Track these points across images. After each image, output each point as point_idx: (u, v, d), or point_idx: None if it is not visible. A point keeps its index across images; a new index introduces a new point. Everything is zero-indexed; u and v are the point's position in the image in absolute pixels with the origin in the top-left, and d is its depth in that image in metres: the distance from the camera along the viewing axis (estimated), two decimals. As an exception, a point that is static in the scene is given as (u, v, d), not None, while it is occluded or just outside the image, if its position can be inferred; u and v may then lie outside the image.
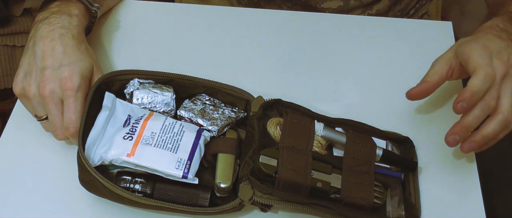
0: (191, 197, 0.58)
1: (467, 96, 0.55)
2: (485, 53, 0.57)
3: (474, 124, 0.56)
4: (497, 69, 0.56)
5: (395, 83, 0.73)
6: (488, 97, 0.56)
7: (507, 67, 0.57)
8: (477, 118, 0.56)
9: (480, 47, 0.57)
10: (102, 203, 0.60)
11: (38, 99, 0.61)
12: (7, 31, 1.14)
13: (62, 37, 0.63)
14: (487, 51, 0.57)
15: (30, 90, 0.61)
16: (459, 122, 0.57)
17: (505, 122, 0.57)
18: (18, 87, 0.62)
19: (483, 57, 0.57)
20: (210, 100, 0.66)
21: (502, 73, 0.56)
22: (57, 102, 0.61)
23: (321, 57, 0.76)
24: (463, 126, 0.56)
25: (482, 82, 0.55)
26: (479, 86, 0.55)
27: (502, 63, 0.57)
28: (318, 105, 0.67)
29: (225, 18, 0.80)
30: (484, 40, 0.59)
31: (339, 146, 0.62)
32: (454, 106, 0.55)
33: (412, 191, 0.61)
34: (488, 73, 0.55)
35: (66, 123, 0.60)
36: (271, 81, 0.72)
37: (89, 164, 0.56)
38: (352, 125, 0.64)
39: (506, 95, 0.57)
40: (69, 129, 0.60)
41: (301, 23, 0.80)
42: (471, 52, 0.57)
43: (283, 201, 0.56)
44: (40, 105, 0.62)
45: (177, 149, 0.59)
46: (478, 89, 0.55)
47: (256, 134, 0.60)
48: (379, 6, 0.87)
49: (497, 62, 0.57)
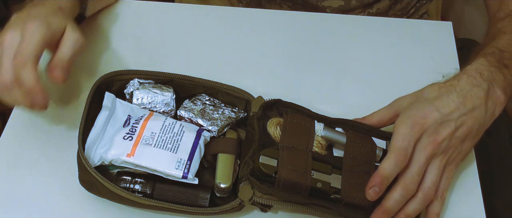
0: (191, 197, 0.58)
1: (378, 181, 0.55)
2: (410, 133, 0.55)
3: (395, 208, 0.56)
4: (423, 149, 0.55)
5: (395, 83, 0.73)
6: (407, 182, 0.55)
7: (437, 148, 0.56)
8: (398, 202, 0.56)
9: (409, 126, 0.56)
10: (102, 203, 0.61)
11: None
12: (7, 31, 1.14)
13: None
14: (416, 128, 0.56)
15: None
16: (380, 206, 0.56)
17: (427, 199, 0.57)
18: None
19: (402, 140, 0.55)
20: (210, 101, 0.66)
21: (429, 154, 0.55)
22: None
23: (321, 57, 0.76)
24: (384, 210, 0.56)
25: (392, 167, 0.55)
26: (390, 171, 0.55)
27: (433, 141, 0.55)
28: (318, 106, 0.67)
29: (225, 18, 0.80)
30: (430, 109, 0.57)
31: (339, 146, 0.62)
32: (366, 192, 0.55)
33: (412, 191, 0.61)
34: (398, 158, 0.54)
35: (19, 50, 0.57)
36: (271, 81, 0.72)
37: (89, 164, 0.56)
38: (352, 125, 0.64)
39: (430, 175, 0.56)
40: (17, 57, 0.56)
41: (301, 23, 0.80)
42: (397, 128, 0.56)
43: (283, 201, 0.56)
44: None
45: (177, 149, 0.59)
46: (388, 173, 0.55)
47: (256, 134, 0.60)
48: (380, 5, 0.87)
49: (425, 140, 0.56)
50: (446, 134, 0.56)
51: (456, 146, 0.58)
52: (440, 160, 0.57)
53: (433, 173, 0.57)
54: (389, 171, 0.55)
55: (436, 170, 0.57)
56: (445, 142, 0.56)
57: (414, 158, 0.56)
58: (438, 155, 0.57)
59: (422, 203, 0.57)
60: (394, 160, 0.55)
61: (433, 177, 0.57)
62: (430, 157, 0.56)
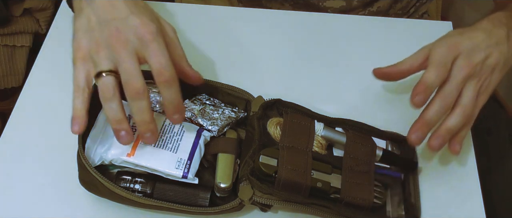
0: (191, 197, 0.58)
1: (422, 89, 0.56)
2: (446, 52, 0.57)
3: (434, 119, 0.57)
4: (460, 69, 0.57)
5: (395, 83, 0.72)
6: (446, 94, 0.57)
7: (472, 70, 0.57)
8: (437, 113, 0.57)
9: (446, 47, 0.58)
10: (102, 203, 0.61)
11: (105, 53, 0.53)
12: (7, 31, 1.14)
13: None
14: (452, 50, 0.57)
15: (95, 45, 0.53)
16: (419, 118, 0.58)
17: (465, 115, 0.58)
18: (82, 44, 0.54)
19: (441, 56, 0.57)
20: (210, 100, 0.66)
21: (465, 74, 0.57)
22: (131, 51, 0.52)
23: (321, 57, 0.76)
24: (424, 122, 0.57)
25: (434, 77, 0.56)
26: (431, 80, 0.56)
27: (468, 63, 0.57)
28: (318, 105, 0.67)
29: (225, 18, 0.80)
30: (462, 38, 0.59)
31: (339, 146, 0.62)
32: (411, 100, 0.56)
33: (412, 191, 0.61)
34: (439, 70, 0.56)
35: (157, 68, 0.52)
36: (271, 81, 0.72)
37: (89, 163, 0.56)
38: (352, 125, 0.64)
39: (468, 92, 0.57)
40: (164, 73, 0.52)
41: (300, 23, 0.80)
42: (433, 50, 0.58)
43: (283, 201, 0.56)
44: (106, 59, 0.53)
45: (177, 149, 0.59)
46: (430, 82, 0.56)
47: (256, 134, 0.60)
48: (381, 3, 0.87)
49: (461, 62, 0.57)
50: (478, 59, 0.57)
51: (487, 74, 0.59)
52: (475, 83, 0.58)
53: (469, 93, 0.58)
54: (431, 80, 0.56)
55: (472, 91, 0.58)
56: (478, 66, 0.58)
57: (451, 76, 0.57)
58: (473, 77, 0.58)
59: (461, 118, 0.57)
60: (435, 71, 0.56)
61: (470, 94, 0.58)
62: (466, 77, 0.57)
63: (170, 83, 0.53)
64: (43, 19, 1.19)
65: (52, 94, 0.70)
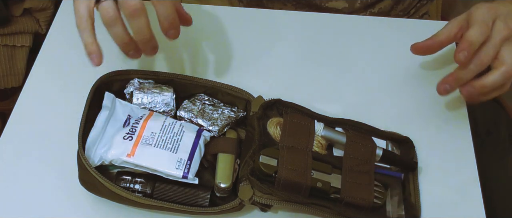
0: (191, 197, 0.58)
1: (466, 46, 0.58)
2: (487, 13, 0.59)
3: (466, 77, 0.60)
4: (499, 31, 0.59)
5: (395, 83, 0.73)
6: (482, 54, 0.59)
7: (510, 31, 0.59)
8: (470, 72, 0.59)
9: (486, 8, 0.60)
10: (102, 203, 0.61)
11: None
12: (7, 31, 1.14)
13: None
14: (492, 12, 0.60)
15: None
16: (452, 73, 0.60)
17: (506, 75, 0.59)
18: None
19: (483, 15, 0.59)
20: (209, 100, 0.66)
21: (504, 36, 0.59)
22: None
23: (321, 57, 0.76)
24: (455, 77, 0.60)
25: (478, 34, 0.58)
26: (476, 37, 0.58)
27: (507, 26, 0.59)
28: (318, 106, 0.67)
29: (225, 18, 0.80)
30: (497, 4, 0.61)
31: (339, 146, 0.62)
32: (455, 55, 0.58)
33: (412, 191, 0.61)
34: (483, 28, 0.58)
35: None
36: (271, 81, 0.72)
37: (89, 164, 0.56)
38: (352, 125, 0.64)
39: (508, 53, 0.59)
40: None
41: (300, 23, 0.80)
42: (474, 10, 0.60)
43: (283, 201, 0.56)
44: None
45: (177, 149, 0.59)
46: (474, 39, 0.58)
47: (256, 134, 0.60)
48: (382, 5, 0.87)
49: (500, 24, 0.59)
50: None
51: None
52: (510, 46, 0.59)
53: (510, 54, 0.59)
54: (475, 37, 0.58)
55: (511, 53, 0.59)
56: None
57: (491, 36, 0.59)
58: (510, 40, 0.59)
59: (502, 77, 0.59)
60: (479, 28, 0.58)
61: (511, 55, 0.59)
62: (505, 39, 0.59)
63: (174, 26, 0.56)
64: (43, 19, 1.19)
65: (52, 94, 0.70)
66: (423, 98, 0.71)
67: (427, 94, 0.71)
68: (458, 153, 0.66)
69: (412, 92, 0.72)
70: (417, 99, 0.71)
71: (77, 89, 0.69)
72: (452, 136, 0.68)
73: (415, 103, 0.71)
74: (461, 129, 0.68)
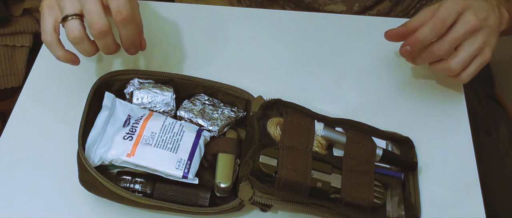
0: (191, 197, 0.58)
1: (411, 42, 0.61)
2: (455, 5, 0.60)
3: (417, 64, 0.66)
4: (465, 23, 0.60)
5: (395, 83, 0.73)
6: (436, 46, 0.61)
7: (479, 23, 0.60)
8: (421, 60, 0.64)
9: (455, 1, 0.60)
10: (102, 203, 0.61)
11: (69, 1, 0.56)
12: (7, 31, 1.14)
13: None
14: (462, 4, 0.60)
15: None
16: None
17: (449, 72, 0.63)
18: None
19: (449, 9, 0.60)
20: (209, 100, 0.66)
21: (471, 27, 0.60)
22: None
23: (321, 57, 0.76)
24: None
25: (427, 31, 0.60)
26: (424, 35, 0.60)
27: (476, 18, 0.60)
28: (318, 106, 0.67)
29: (225, 18, 0.80)
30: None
31: (339, 146, 0.62)
32: (400, 49, 0.62)
33: (412, 191, 0.62)
34: (436, 24, 0.60)
35: (116, 7, 0.56)
36: (271, 81, 0.72)
37: (89, 164, 0.56)
38: (352, 125, 0.64)
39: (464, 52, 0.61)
40: (122, 12, 0.56)
41: (300, 23, 0.80)
42: (444, 2, 0.61)
43: (283, 201, 0.56)
44: (71, 3, 0.56)
45: (177, 149, 0.59)
46: (423, 37, 0.60)
47: (256, 134, 0.60)
48: (381, 7, 0.87)
49: (469, 16, 0.60)
50: (484, 16, 0.61)
51: (490, 33, 0.62)
52: (479, 37, 0.61)
53: (468, 50, 0.61)
54: (424, 35, 0.60)
55: (472, 49, 0.61)
56: (484, 22, 0.61)
57: (453, 29, 0.60)
58: (478, 31, 0.61)
59: (443, 71, 0.63)
60: (431, 25, 0.59)
61: (465, 55, 0.61)
62: (470, 32, 0.60)
63: (127, 22, 0.56)
64: (43, 19, 1.19)
65: (52, 94, 0.70)
66: (423, 99, 0.71)
67: (427, 95, 0.71)
68: (458, 153, 0.66)
69: (412, 92, 0.72)
70: (417, 99, 0.71)
71: (77, 89, 0.69)
72: (452, 136, 0.68)
73: (415, 103, 0.71)
74: (461, 129, 0.68)
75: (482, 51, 0.62)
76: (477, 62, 0.63)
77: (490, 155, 0.92)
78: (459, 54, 0.62)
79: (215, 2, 0.91)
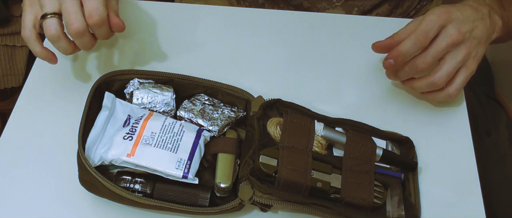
0: (191, 197, 0.58)
1: (394, 55, 0.61)
2: (437, 19, 0.61)
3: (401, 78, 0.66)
4: (447, 36, 0.60)
5: (395, 83, 0.73)
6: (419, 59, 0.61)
7: (461, 36, 0.61)
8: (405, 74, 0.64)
9: (437, 14, 0.61)
10: (102, 203, 0.61)
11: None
12: (7, 31, 1.14)
13: None
14: (444, 17, 0.61)
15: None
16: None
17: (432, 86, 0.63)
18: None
19: (431, 22, 0.60)
20: (209, 100, 0.66)
21: (453, 41, 0.60)
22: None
23: (321, 57, 0.76)
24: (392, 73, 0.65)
25: (410, 45, 0.60)
26: (407, 48, 0.60)
27: (458, 31, 0.60)
28: (318, 106, 0.67)
29: (225, 18, 0.80)
30: (453, 8, 0.62)
31: (339, 146, 0.62)
32: (384, 62, 0.62)
33: (412, 191, 0.62)
34: (419, 38, 0.60)
35: (89, 10, 0.57)
36: (271, 81, 0.72)
37: (89, 164, 0.56)
38: (352, 125, 0.64)
39: (447, 65, 0.62)
40: (93, 16, 0.57)
41: (301, 23, 0.80)
42: (426, 16, 0.61)
43: (283, 201, 0.56)
44: (50, 2, 0.57)
45: (177, 149, 0.59)
46: (405, 50, 0.60)
47: (256, 134, 0.60)
48: (379, 10, 0.87)
49: (452, 29, 0.61)
50: (467, 29, 0.61)
51: (475, 44, 0.62)
52: (462, 50, 0.61)
53: (451, 63, 0.62)
54: (407, 48, 0.60)
55: (455, 62, 0.62)
56: (468, 34, 0.61)
57: (435, 42, 0.61)
58: (461, 44, 0.61)
59: (428, 86, 0.64)
60: (413, 39, 0.60)
61: (449, 67, 0.62)
62: (452, 45, 0.61)
63: (99, 25, 0.58)
64: (43, 19, 1.19)
65: (52, 94, 0.70)
66: (423, 99, 0.71)
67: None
68: (458, 153, 0.66)
69: (412, 92, 0.72)
70: (417, 99, 0.71)
71: (77, 89, 0.69)
72: (452, 136, 0.68)
73: (415, 104, 0.71)
74: (461, 129, 0.68)
75: (466, 63, 0.62)
76: (462, 74, 0.63)
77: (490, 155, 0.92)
78: (443, 68, 0.62)
79: (215, 2, 0.91)
